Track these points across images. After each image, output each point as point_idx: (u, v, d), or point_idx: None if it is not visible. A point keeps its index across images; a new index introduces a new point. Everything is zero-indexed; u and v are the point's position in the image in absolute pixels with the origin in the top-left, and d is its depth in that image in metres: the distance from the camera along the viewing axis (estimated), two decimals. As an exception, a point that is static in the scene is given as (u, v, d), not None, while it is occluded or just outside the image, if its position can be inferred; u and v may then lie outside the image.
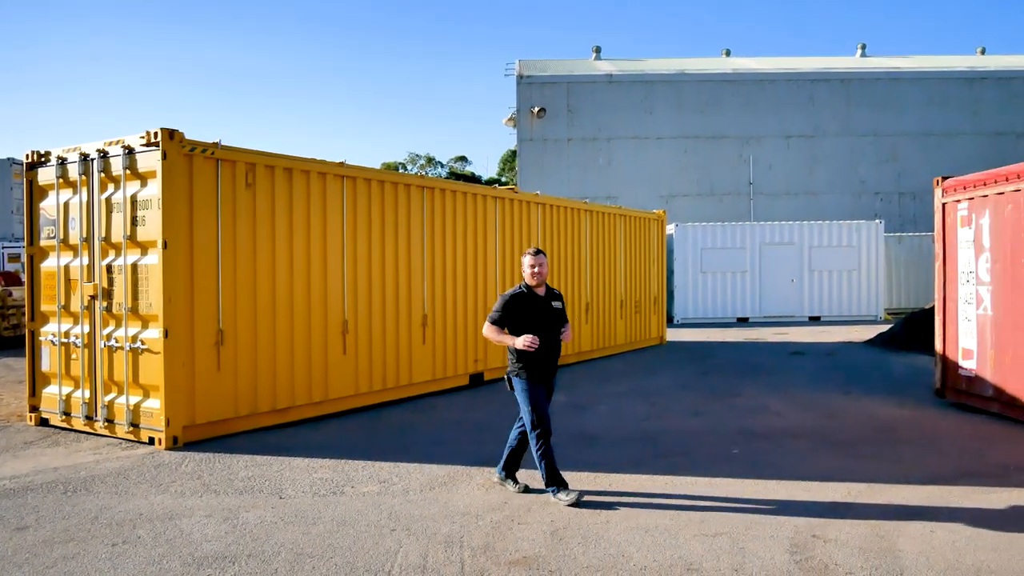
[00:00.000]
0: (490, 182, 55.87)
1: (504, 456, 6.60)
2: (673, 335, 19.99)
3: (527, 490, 6.42)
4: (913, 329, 16.32)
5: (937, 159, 28.94)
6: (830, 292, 23.92)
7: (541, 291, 6.44)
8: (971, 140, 30.08)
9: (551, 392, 6.56)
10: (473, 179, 58.89)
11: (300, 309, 9.25)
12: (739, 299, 23.86)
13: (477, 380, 12.19)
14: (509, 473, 6.59)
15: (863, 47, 34.52)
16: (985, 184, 9.60)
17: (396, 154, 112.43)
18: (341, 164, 9.84)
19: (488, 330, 6.38)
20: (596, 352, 15.59)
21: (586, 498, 6.21)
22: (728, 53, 35.24)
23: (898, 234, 26.17)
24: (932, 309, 12.09)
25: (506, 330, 6.29)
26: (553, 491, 6.18)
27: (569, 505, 6.03)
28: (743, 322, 23.63)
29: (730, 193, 30.17)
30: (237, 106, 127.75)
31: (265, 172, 8.89)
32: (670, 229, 23.45)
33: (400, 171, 55.18)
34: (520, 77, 29.81)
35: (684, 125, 30.03)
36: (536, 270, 6.35)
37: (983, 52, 35.26)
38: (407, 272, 10.79)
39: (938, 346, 10.58)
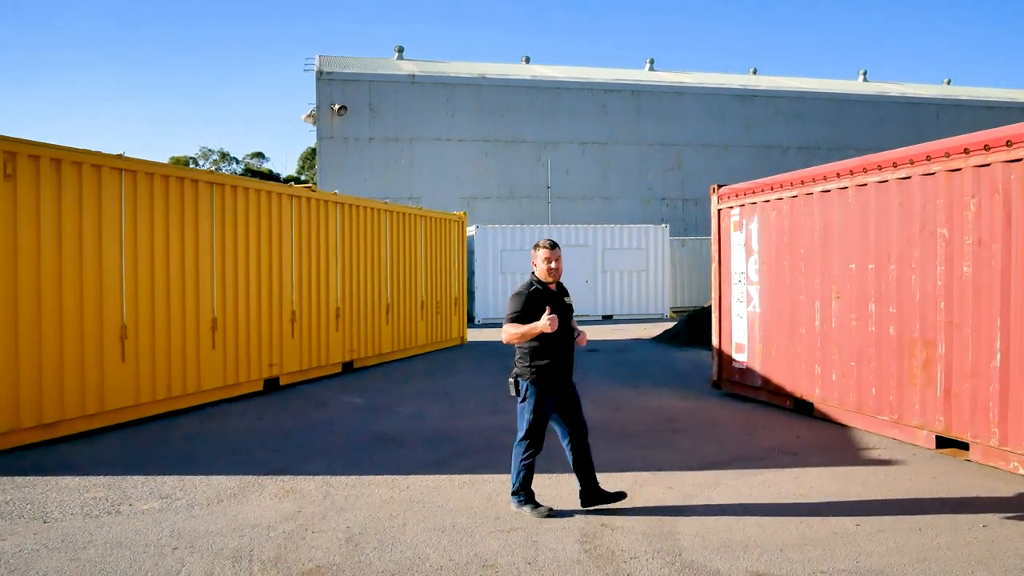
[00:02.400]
0: (289, 180, 54.03)
1: (578, 478, 5.95)
2: (474, 335, 20.28)
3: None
4: (694, 326, 17.56)
5: (716, 168, 31.35)
6: (622, 292, 25.25)
7: (553, 287, 5.98)
8: (745, 152, 32.84)
9: (575, 399, 5.98)
10: (271, 176, 56.73)
11: (71, 314, 8.43)
12: (538, 299, 24.57)
13: (272, 386, 11.72)
14: (527, 496, 5.91)
15: (651, 62, 36.76)
16: (754, 192, 10.49)
17: (187, 148, 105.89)
18: (119, 156, 9.10)
19: (510, 329, 5.69)
20: (397, 353, 15.50)
21: (384, 502, 6.13)
22: (528, 60, 36.29)
23: (682, 238, 28.09)
24: (711, 307, 13.05)
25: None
26: (518, 500, 5.82)
27: (539, 515, 5.69)
28: (542, 321, 24.38)
29: (529, 196, 31.06)
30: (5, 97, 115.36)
31: (29, 163, 8.03)
32: (471, 230, 23.79)
33: (190, 166, 52.20)
34: (320, 73, 29.08)
35: (485, 128, 30.57)
36: (553, 265, 5.83)
37: (755, 72, 38.60)
38: (195, 273, 10.17)
39: (715, 341, 11.43)
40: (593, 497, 5.90)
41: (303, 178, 56.31)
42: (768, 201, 10.18)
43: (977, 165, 7.08)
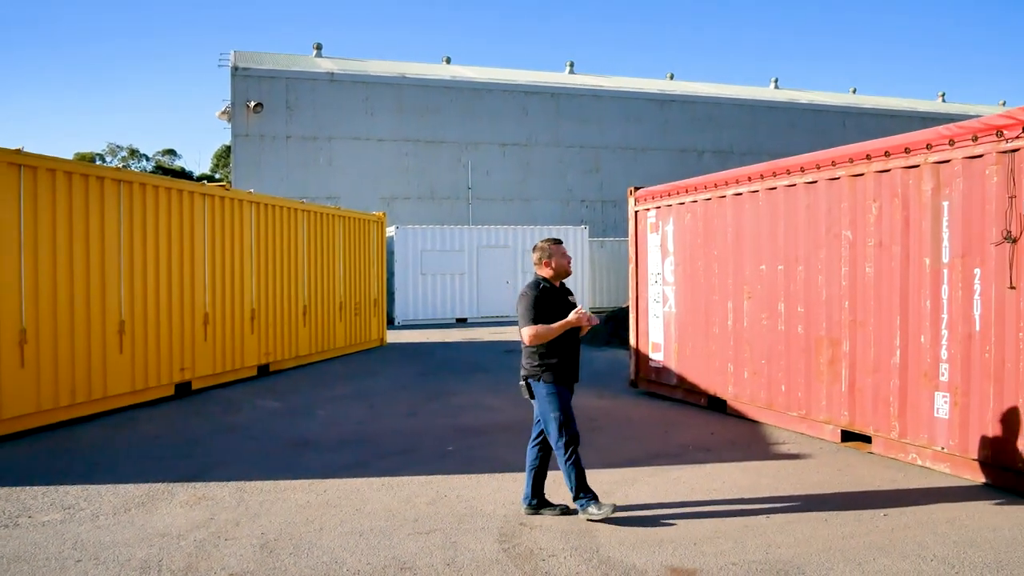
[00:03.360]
0: (202, 178, 52.53)
1: (529, 482, 5.86)
2: (394, 337, 20.12)
3: (567, 511, 5.74)
4: (613, 326, 17.82)
5: (634, 171, 31.88)
6: (542, 293, 25.38)
7: (558, 284, 5.94)
8: (662, 155, 33.49)
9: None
10: (183, 175, 54.99)
11: (-36, 316, 8.01)
12: (458, 300, 24.58)
13: (184, 390, 11.37)
14: (540, 500, 5.85)
15: (571, 65, 37.13)
16: (670, 195, 10.71)
17: (93, 144, 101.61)
18: (17, 151, 8.68)
19: (533, 331, 5.59)
20: (315, 356, 15.24)
21: (301, 506, 6.02)
22: (448, 61, 36.21)
23: (601, 239, 28.45)
24: (629, 307, 13.26)
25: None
26: (582, 504, 5.62)
27: (600, 520, 5.55)
28: (462, 322, 24.36)
29: (450, 197, 30.99)
30: None
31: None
32: (390, 231, 23.60)
33: (96, 163, 50.14)
34: (235, 69, 28.36)
35: (405, 128, 30.35)
36: (567, 261, 5.89)
37: (672, 77, 39.43)
38: (100, 275, 9.77)
39: (632, 341, 11.62)
40: (541, 506, 5.86)
41: (217, 176, 54.82)
42: (683, 203, 10.41)
43: (878, 171, 7.40)
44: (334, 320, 15.93)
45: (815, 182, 8.17)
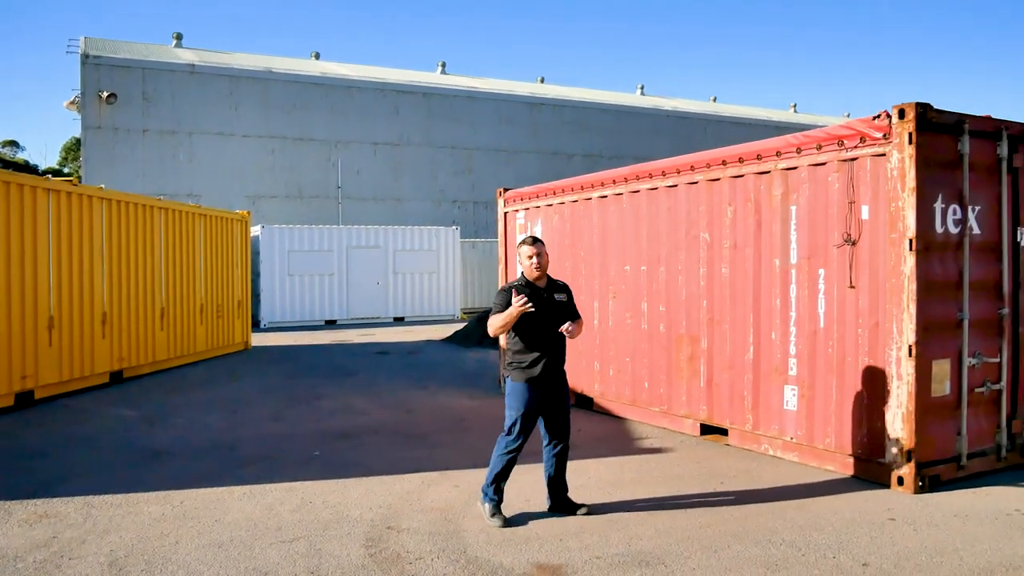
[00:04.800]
0: (48, 172, 49.15)
1: (548, 488, 5.87)
2: (259, 340, 19.47)
3: (592, 511, 5.75)
4: (483, 326, 17.87)
5: (505, 172, 32.15)
6: (413, 293, 25.24)
7: (542, 283, 5.76)
8: (533, 157, 33.94)
9: (561, 406, 5.79)
10: (27, 168, 51.23)
11: None
12: (327, 302, 24.05)
13: (26, 400, 10.55)
14: (560, 503, 5.85)
15: (443, 65, 37.06)
16: (538, 196, 10.86)
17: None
18: None
19: (494, 321, 5.59)
20: (174, 360, 14.53)
21: (155, 519, 5.72)
22: (318, 56, 35.39)
23: (473, 240, 28.53)
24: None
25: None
26: (484, 496, 5.68)
27: (494, 525, 5.54)
28: (331, 324, 23.87)
29: (318, 196, 30.29)
30: None
31: None
32: (256, 230, 22.83)
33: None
34: (86, 57, 26.66)
35: (272, 125, 29.43)
36: (536, 261, 5.67)
37: (543, 81, 40.04)
38: (-73, 274, 8.96)
39: (502, 341, 11.69)
40: (562, 507, 5.85)
41: (66, 170, 51.37)
42: (551, 205, 10.58)
43: (733, 176, 7.75)
44: (195, 323, 15.24)
45: (675, 186, 8.48)
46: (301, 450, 7.98)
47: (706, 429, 8.20)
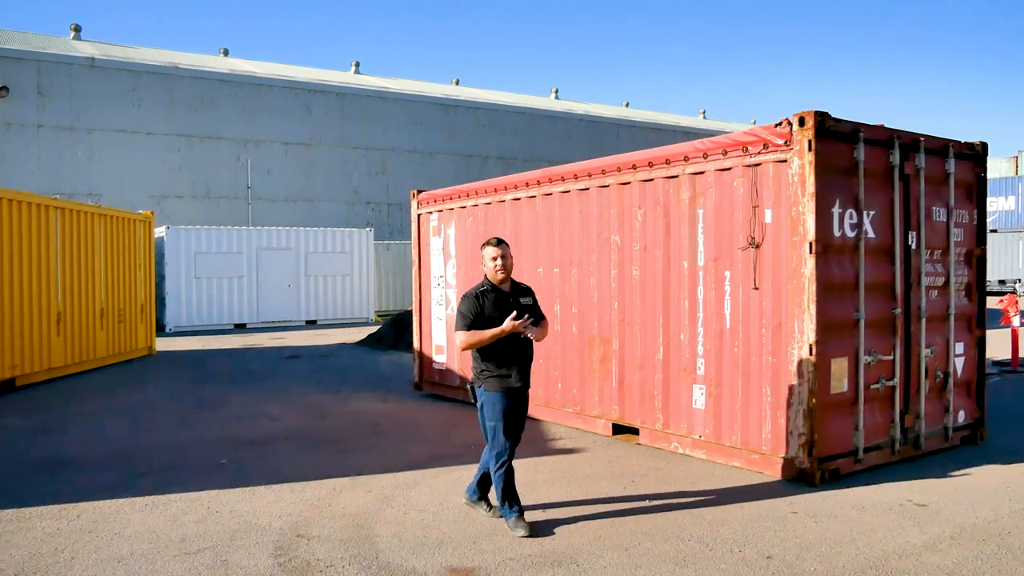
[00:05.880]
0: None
1: (476, 478, 5.88)
2: (165, 344, 18.81)
3: (532, 533, 5.42)
4: (398, 329, 17.74)
5: (420, 174, 31.93)
6: (326, 296, 24.81)
7: (506, 287, 5.57)
8: (448, 159, 33.84)
9: (522, 414, 5.61)
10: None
11: None
12: (236, 305, 23.40)
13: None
14: (482, 496, 5.88)
15: (357, 65, 36.58)
16: (452, 199, 10.83)
17: None
18: None
19: (465, 337, 5.40)
20: (72, 367, 13.89)
21: (50, 535, 5.44)
22: (226, 53, 34.44)
23: (387, 241, 28.23)
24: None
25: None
26: (505, 512, 5.49)
27: (523, 536, 5.33)
28: (241, 328, 23.24)
29: (228, 196, 29.45)
30: None
31: None
32: (160, 231, 22.03)
33: None
34: (-26, 48, 25.25)
35: (178, 122, 28.46)
36: (500, 263, 5.45)
37: (457, 83, 39.96)
38: None
39: (416, 344, 11.63)
40: (481, 500, 5.91)
41: (-46, 168, 48.51)
42: (465, 207, 10.57)
43: (643, 180, 7.90)
44: (94, 328, 14.61)
45: (587, 189, 8.59)
46: (208, 458, 7.74)
47: (618, 429, 8.33)
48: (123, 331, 15.81)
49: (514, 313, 5.33)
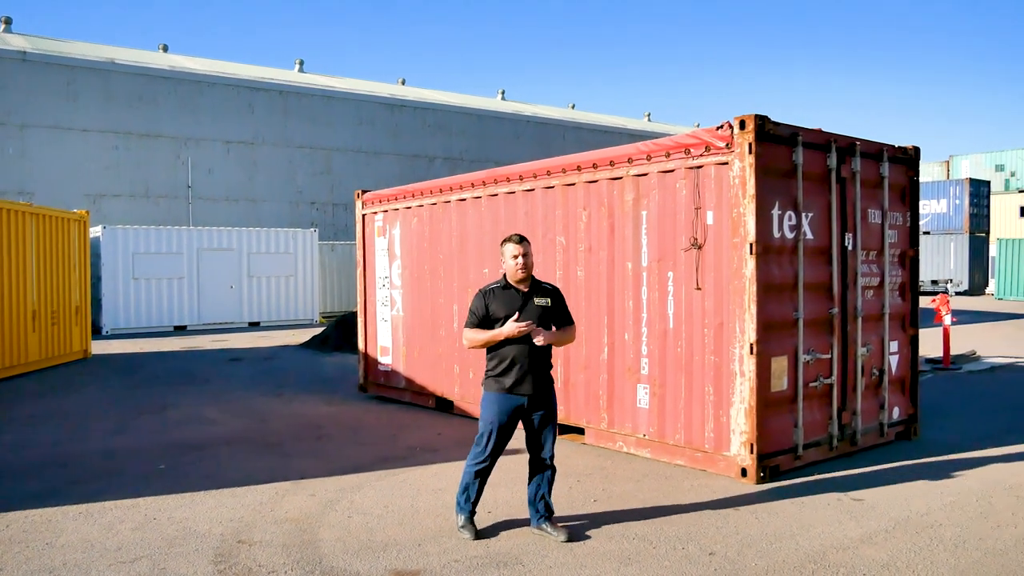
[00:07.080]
0: None
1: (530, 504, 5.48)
2: (101, 347, 18.29)
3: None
4: (343, 330, 17.55)
5: (365, 174, 31.64)
6: (269, 298, 24.40)
7: (525, 286, 5.28)
8: (393, 160, 33.60)
9: (545, 422, 5.33)
10: None
11: None
12: (176, 306, 22.86)
13: None
14: (547, 514, 5.40)
15: (301, 63, 36.09)
16: (397, 199, 10.75)
17: None
18: None
19: (471, 335, 5.29)
20: (2, 372, 13.39)
21: (-27, 546, 5.24)
22: (166, 49, 33.67)
23: (331, 242, 27.89)
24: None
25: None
26: (457, 507, 5.43)
27: (464, 536, 5.32)
28: (181, 330, 22.72)
29: (167, 196, 28.77)
30: None
31: None
32: (96, 231, 21.43)
33: None
34: None
35: (115, 119, 27.70)
36: (521, 262, 5.19)
37: (403, 83, 39.66)
38: None
39: (361, 345, 11.52)
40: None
41: None
42: (410, 208, 10.50)
43: (588, 181, 7.95)
44: (25, 331, 14.12)
45: (532, 190, 8.61)
46: (146, 464, 7.54)
47: (564, 429, 8.35)
48: (57, 334, 15.32)
49: (516, 315, 5.17)
